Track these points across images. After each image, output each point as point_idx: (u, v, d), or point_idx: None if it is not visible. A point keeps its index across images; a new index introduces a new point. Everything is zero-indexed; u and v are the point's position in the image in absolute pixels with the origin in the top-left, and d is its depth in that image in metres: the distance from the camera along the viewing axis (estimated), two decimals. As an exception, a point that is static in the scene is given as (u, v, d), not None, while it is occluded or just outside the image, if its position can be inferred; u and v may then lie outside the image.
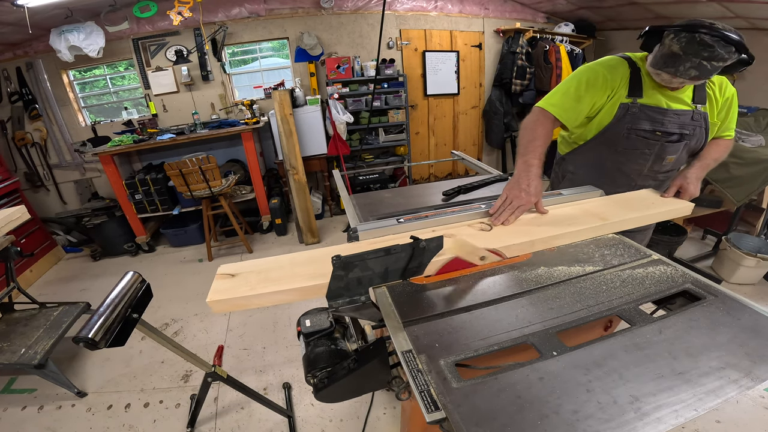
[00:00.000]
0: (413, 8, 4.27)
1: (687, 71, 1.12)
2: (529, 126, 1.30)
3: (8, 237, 2.10)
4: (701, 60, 1.09)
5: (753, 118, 2.96)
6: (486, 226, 1.08)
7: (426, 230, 1.09)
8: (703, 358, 0.64)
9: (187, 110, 4.02)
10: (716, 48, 1.06)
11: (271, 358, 2.27)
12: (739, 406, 1.73)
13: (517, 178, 1.16)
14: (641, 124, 1.32)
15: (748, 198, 2.52)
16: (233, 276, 0.88)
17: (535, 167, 1.17)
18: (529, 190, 1.12)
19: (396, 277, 0.90)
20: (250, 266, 0.92)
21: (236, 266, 0.92)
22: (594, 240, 1.06)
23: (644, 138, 1.35)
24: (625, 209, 1.14)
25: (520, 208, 1.11)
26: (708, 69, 1.10)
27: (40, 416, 1.97)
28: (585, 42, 4.73)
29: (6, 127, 3.82)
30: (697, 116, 1.32)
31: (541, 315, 0.77)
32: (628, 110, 1.32)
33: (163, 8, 3.59)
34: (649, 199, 1.23)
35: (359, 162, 4.36)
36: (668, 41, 1.15)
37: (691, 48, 1.09)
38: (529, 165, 1.17)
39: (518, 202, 1.10)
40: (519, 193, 1.11)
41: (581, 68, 1.37)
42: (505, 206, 1.11)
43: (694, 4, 3.23)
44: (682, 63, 1.12)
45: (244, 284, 0.85)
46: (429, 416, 0.57)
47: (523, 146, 1.25)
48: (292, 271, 0.89)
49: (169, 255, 3.79)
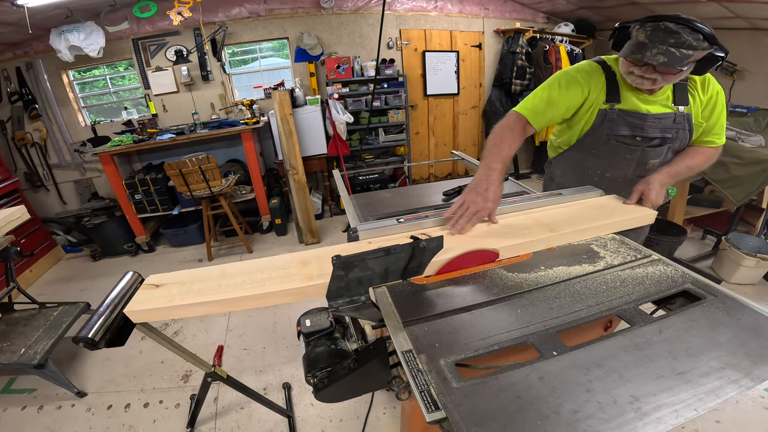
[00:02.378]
0: (413, 8, 4.27)
1: (655, 57, 1.08)
2: (498, 129, 1.28)
3: (8, 237, 2.10)
4: (668, 47, 1.06)
5: (753, 118, 2.96)
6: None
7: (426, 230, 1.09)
8: (703, 358, 0.64)
9: (187, 110, 4.02)
10: (682, 34, 1.04)
11: (271, 358, 2.27)
12: (739, 406, 1.73)
13: (476, 182, 1.11)
14: (620, 129, 1.31)
15: (748, 198, 2.52)
16: (157, 287, 0.89)
17: (496, 171, 1.13)
18: (487, 196, 1.08)
19: (396, 277, 0.90)
20: (177, 277, 0.92)
21: (164, 277, 0.92)
22: (594, 240, 1.06)
23: (624, 144, 1.34)
24: (580, 219, 1.09)
25: (477, 215, 1.06)
26: (677, 56, 1.06)
27: (40, 416, 1.97)
28: (585, 42, 4.73)
29: (6, 127, 3.82)
30: (680, 118, 1.29)
31: (541, 315, 0.77)
32: (606, 116, 1.31)
33: (163, 8, 3.60)
34: (610, 206, 1.19)
35: (359, 162, 4.36)
36: (635, 32, 1.15)
37: (656, 35, 1.08)
38: (490, 169, 1.13)
39: (475, 208, 1.06)
40: (476, 197, 1.07)
41: (556, 73, 1.36)
42: (461, 212, 1.07)
43: (694, 4, 3.23)
44: (648, 49, 1.09)
45: (164, 296, 0.85)
46: (429, 416, 0.57)
47: (488, 149, 1.21)
48: (218, 283, 0.88)
49: (169, 255, 3.80)
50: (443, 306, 0.81)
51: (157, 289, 0.88)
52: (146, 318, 0.85)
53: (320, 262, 0.91)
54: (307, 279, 0.86)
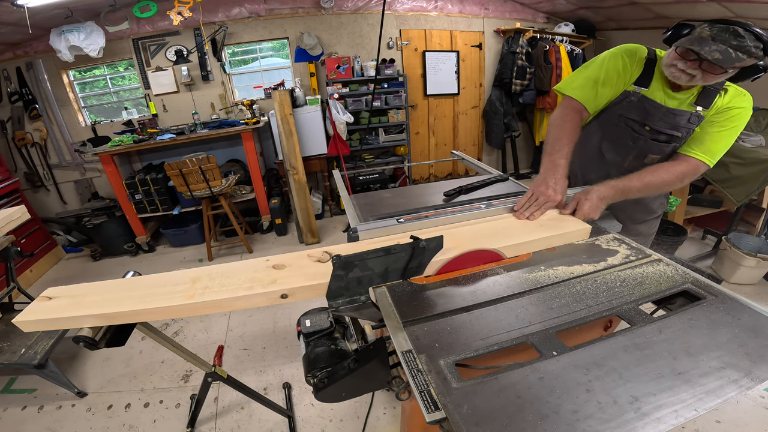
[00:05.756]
0: (413, 8, 4.27)
1: (711, 52, 1.08)
2: (557, 122, 1.29)
3: (8, 237, 2.10)
4: (728, 47, 1.07)
5: (753, 118, 2.95)
6: (325, 255, 0.97)
7: (426, 230, 1.09)
8: (703, 358, 0.64)
9: (187, 110, 4.02)
10: (746, 39, 1.06)
11: (271, 358, 2.27)
12: (739, 406, 1.73)
13: (543, 176, 1.18)
14: (632, 113, 1.32)
15: (748, 198, 2.52)
16: (50, 299, 0.90)
17: (562, 167, 1.18)
18: (556, 188, 1.14)
19: (396, 277, 0.90)
20: (73, 291, 0.93)
21: (61, 290, 0.93)
22: (594, 240, 1.06)
23: (631, 129, 1.34)
24: (501, 236, 1.02)
25: (546, 205, 1.13)
26: (731, 57, 1.07)
27: (40, 416, 1.97)
28: (585, 42, 4.73)
29: (6, 127, 3.82)
30: (694, 119, 1.28)
31: (541, 315, 0.77)
32: (627, 97, 1.31)
33: (163, 8, 3.60)
34: (545, 216, 1.14)
35: (359, 162, 4.36)
36: (699, 29, 1.14)
37: (721, 35, 1.08)
38: (555, 164, 1.18)
39: (544, 199, 1.13)
40: (546, 190, 1.14)
41: (606, 55, 1.33)
42: (531, 202, 1.14)
43: (694, 4, 3.23)
44: (708, 45, 1.09)
45: (52, 309, 0.87)
46: (429, 416, 0.57)
47: (549, 144, 1.25)
48: (111, 296, 0.90)
49: (169, 255, 3.80)
50: (443, 306, 0.81)
51: (49, 301, 0.90)
52: (34, 328, 0.87)
53: (210, 280, 0.91)
54: (188, 297, 0.86)
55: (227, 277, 0.91)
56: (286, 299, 0.88)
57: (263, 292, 0.86)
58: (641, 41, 1.34)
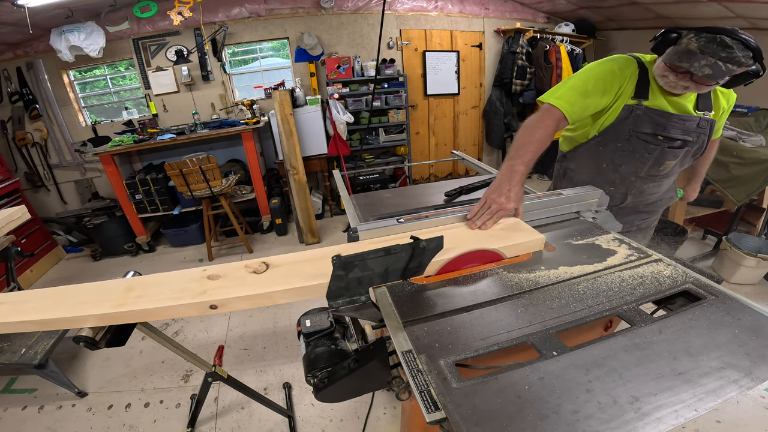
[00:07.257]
0: (413, 8, 4.27)
1: (701, 68, 1.09)
2: (529, 127, 1.22)
3: (9, 237, 2.10)
4: (717, 60, 1.07)
5: (753, 118, 2.95)
6: (262, 266, 0.96)
7: (426, 230, 1.09)
8: (703, 358, 0.64)
9: (188, 110, 4.02)
10: (735, 50, 1.05)
11: (272, 357, 2.27)
12: (739, 406, 1.73)
13: (499, 182, 1.12)
14: (644, 126, 1.31)
15: (748, 198, 2.52)
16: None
17: (519, 174, 1.12)
18: (510, 195, 1.09)
19: (396, 277, 0.90)
20: (20, 297, 0.95)
21: (7, 296, 0.95)
22: (594, 240, 1.06)
23: (645, 141, 1.33)
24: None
25: (499, 213, 1.08)
26: (722, 70, 1.08)
27: (41, 416, 1.97)
28: (585, 42, 4.73)
29: (6, 127, 3.83)
30: (704, 123, 1.30)
31: (541, 315, 0.77)
32: (632, 112, 1.30)
33: (163, 8, 3.60)
34: (498, 225, 1.10)
35: (359, 162, 4.36)
36: (686, 40, 1.13)
37: (709, 47, 1.07)
38: (513, 171, 1.12)
39: (497, 207, 1.08)
40: (498, 197, 1.08)
41: (591, 65, 1.33)
42: (483, 210, 1.09)
43: (694, 4, 3.22)
44: (697, 60, 1.09)
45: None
46: (429, 416, 0.57)
47: (514, 149, 1.19)
48: (52, 301, 0.91)
49: (169, 255, 3.80)
50: (443, 306, 0.81)
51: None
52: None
53: (143, 289, 0.92)
54: (118, 306, 0.87)
55: (160, 287, 0.92)
56: (215, 310, 0.88)
57: (192, 303, 0.86)
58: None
